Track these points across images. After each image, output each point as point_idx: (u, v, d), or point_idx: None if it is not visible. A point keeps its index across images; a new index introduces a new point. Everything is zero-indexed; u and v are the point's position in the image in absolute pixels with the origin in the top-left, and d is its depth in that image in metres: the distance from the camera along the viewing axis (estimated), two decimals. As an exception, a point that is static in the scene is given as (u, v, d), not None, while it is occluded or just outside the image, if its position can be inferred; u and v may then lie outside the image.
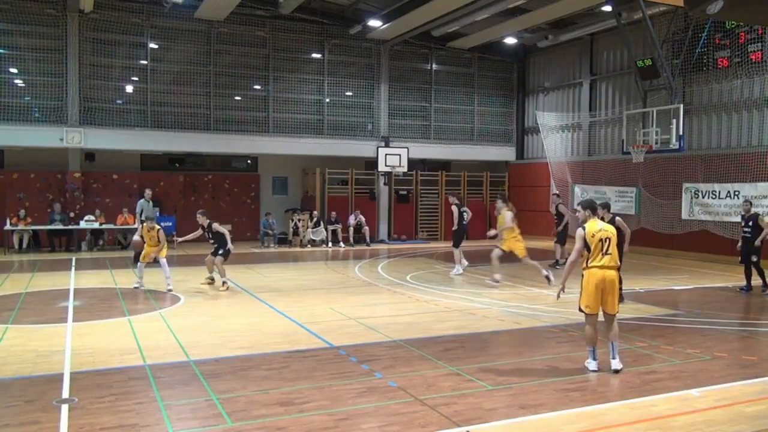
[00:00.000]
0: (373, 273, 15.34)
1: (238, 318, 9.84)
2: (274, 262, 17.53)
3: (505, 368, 7.11)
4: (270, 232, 21.51)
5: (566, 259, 16.32)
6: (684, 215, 18.27)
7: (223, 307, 10.75)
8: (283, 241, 22.03)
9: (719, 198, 17.43)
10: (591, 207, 7.21)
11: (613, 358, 6.88)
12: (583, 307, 6.99)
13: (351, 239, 22.17)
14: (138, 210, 16.94)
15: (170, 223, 20.86)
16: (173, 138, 20.84)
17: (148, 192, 17.69)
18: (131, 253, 19.12)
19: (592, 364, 6.98)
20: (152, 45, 20.86)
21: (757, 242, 12.19)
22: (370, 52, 23.64)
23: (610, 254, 6.90)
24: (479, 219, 24.33)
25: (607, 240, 6.92)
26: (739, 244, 12.70)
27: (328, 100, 23.15)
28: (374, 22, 21.38)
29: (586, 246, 6.95)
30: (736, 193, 16.97)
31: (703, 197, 17.85)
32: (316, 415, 5.56)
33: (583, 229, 7.02)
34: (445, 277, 14.55)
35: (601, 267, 6.87)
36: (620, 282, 10.15)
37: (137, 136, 20.49)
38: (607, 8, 18.98)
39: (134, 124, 20.57)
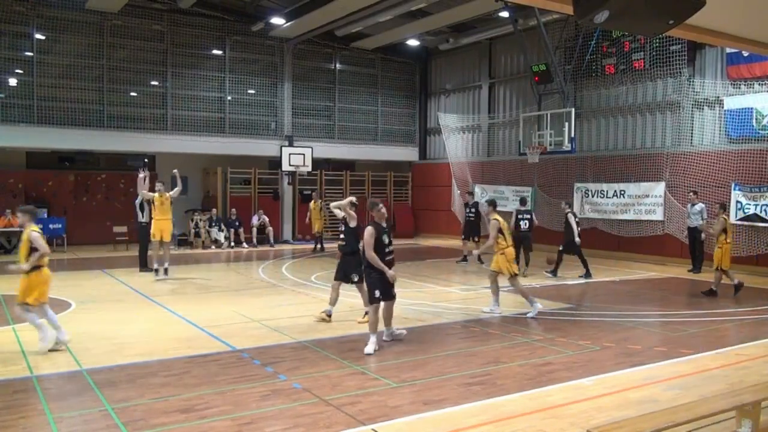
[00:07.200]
0: (278, 274, 15.15)
1: (135, 324, 9.44)
2: (173, 265, 16.90)
3: (409, 365, 7.22)
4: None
5: (465, 255, 17.06)
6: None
7: (118, 312, 10.27)
8: (183, 242, 21.36)
9: (607, 197, 18.48)
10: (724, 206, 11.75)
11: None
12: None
13: (254, 240, 21.79)
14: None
15: (60, 225, 19.75)
16: (63, 135, 19.65)
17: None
18: (15, 258, 17.90)
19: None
20: (39, 36, 19.60)
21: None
22: (273, 50, 23.32)
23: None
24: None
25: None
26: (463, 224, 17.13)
27: (229, 97, 22.63)
28: (277, 20, 21.11)
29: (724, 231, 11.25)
30: (622, 192, 18.05)
31: (593, 196, 18.87)
32: (218, 420, 5.42)
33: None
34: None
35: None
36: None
37: (22, 132, 19.15)
38: (505, 14, 19.69)
39: (18, 119, 19.24)
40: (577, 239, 14.26)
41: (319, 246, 20.10)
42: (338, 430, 5.23)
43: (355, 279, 9.34)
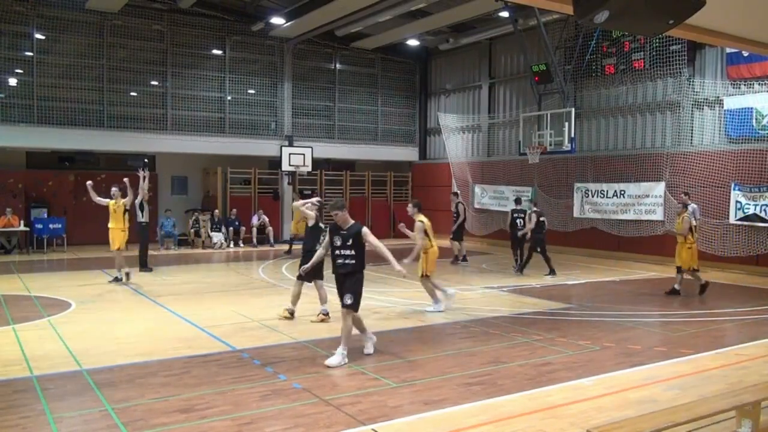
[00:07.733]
0: (278, 274, 15.15)
1: (135, 323, 9.44)
2: (174, 264, 16.93)
3: (410, 365, 7.22)
4: (167, 232, 20.80)
5: (464, 255, 17.02)
6: (576, 213, 19.24)
7: (118, 312, 10.27)
8: (183, 242, 21.37)
9: (607, 197, 18.48)
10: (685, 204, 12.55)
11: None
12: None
13: (254, 240, 21.79)
14: None
15: (60, 225, 19.75)
16: (63, 135, 19.65)
17: None
18: (15, 258, 17.92)
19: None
20: (38, 36, 19.61)
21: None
22: (273, 49, 23.32)
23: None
24: (383, 219, 24.70)
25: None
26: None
27: (229, 97, 22.62)
28: (277, 20, 21.11)
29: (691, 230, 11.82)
30: (622, 192, 18.05)
31: (593, 196, 18.87)
32: (218, 420, 5.42)
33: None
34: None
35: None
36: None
37: (22, 132, 19.15)
38: (505, 14, 19.69)
39: (18, 119, 19.24)
40: (526, 234, 14.78)
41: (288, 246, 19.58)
42: (338, 430, 5.24)
43: (300, 274, 9.40)
